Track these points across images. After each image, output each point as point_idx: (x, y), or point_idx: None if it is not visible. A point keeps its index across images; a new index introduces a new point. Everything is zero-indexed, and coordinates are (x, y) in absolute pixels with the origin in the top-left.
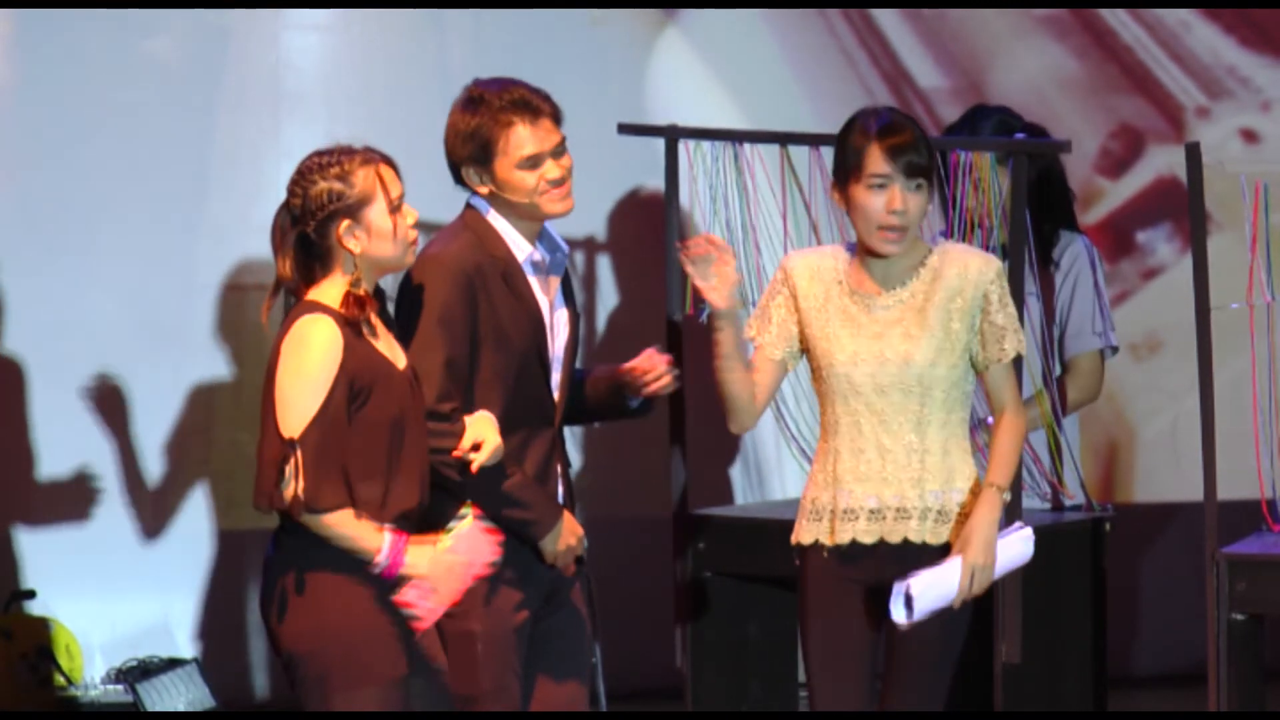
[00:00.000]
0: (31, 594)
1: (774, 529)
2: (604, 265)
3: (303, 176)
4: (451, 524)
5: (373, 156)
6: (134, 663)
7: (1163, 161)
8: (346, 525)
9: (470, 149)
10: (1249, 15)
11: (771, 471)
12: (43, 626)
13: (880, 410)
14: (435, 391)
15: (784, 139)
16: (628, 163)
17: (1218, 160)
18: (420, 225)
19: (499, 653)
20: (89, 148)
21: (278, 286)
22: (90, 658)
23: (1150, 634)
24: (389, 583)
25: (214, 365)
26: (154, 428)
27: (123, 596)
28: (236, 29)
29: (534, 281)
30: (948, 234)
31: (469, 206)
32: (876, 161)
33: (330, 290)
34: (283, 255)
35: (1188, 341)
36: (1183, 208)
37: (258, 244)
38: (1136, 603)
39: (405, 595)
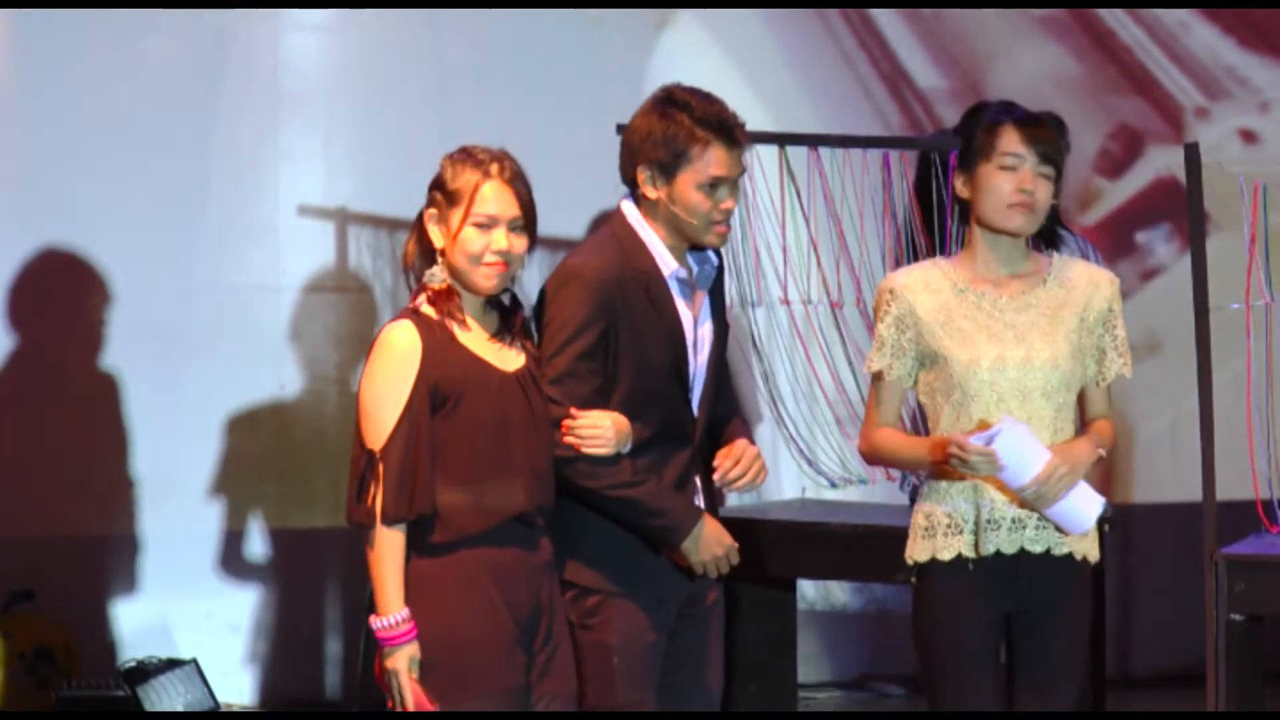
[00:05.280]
0: (31, 594)
1: (771, 529)
2: None
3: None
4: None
5: (491, 169)
6: (134, 663)
7: (1162, 162)
8: (388, 561)
9: (659, 154)
10: (1248, 16)
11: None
12: (42, 626)
13: (1021, 415)
14: (565, 400)
15: (783, 139)
16: None
17: (1216, 161)
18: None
19: (633, 667)
20: (89, 148)
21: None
22: (90, 658)
23: (1150, 634)
24: (509, 591)
25: (213, 365)
26: (152, 428)
27: (122, 596)
28: (236, 29)
29: (679, 296)
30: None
31: (619, 213)
32: (1011, 141)
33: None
34: (410, 239)
35: (1187, 341)
36: (1182, 208)
37: (257, 244)
38: (1136, 603)
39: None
